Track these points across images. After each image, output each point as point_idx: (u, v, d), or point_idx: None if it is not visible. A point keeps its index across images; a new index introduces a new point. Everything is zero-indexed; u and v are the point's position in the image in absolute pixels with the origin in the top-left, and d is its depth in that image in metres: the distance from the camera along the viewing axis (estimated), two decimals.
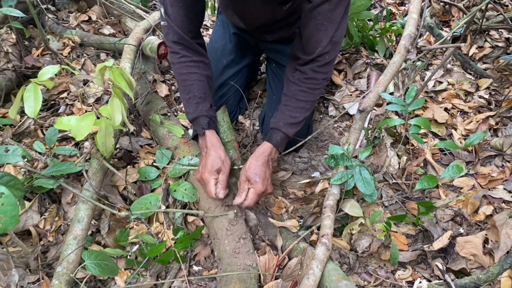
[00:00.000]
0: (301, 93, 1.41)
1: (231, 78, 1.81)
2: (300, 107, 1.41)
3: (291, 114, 1.41)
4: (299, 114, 1.41)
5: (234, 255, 1.28)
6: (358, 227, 1.37)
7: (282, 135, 1.40)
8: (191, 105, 1.42)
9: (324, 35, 1.33)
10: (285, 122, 1.40)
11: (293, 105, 1.41)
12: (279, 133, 1.40)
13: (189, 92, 1.43)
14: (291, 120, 1.40)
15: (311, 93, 1.41)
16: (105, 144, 1.36)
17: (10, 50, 2.09)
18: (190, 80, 1.44)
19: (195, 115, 1.41)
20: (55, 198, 1.55)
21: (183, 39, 1.42)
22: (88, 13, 2.59)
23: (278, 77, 1.76)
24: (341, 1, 1.29)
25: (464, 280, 1.17)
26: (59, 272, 1.19)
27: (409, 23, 1.51)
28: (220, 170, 1.36)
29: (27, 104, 1.24)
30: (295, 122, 1.41)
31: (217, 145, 1.39)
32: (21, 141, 1.77)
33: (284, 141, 1.42)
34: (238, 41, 1.80)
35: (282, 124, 1.40)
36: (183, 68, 1.44)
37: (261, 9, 1.46)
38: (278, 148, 1.41)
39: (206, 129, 1.40)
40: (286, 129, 1.40)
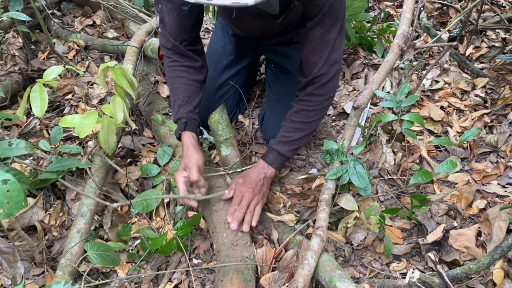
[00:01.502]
0: (295, 114, 1.47)
1: (231, 79, 1.85)
2: (293, 128, 1.46)
3: (284, 133, 1.47)
4: (291, 133, 1.46)
5: (232, 247, 1.32)
6: (353, 220, 1.40)
7: (275, 153, 1.46)
8: (175, 107, 1.48)
9: (319, 57, 1.38)
10: (278, 140, 1.47)
11: (287, 125, 1.48)
12: (272, 151, 1.47)
13: (175, 95, 1.49)
14: (283, 139, 1.46)
15: (304, 114, 1.46)
16: (107, 141, 1.41)
17: (17, 54, 2.16)
18: (176, 83, 1.49)
19: (176, 116, 1.47)
20: (59, 195, 1.60)
21: (175, 47, 1.47)
22: (92, 18, 2.65)
23: (277, 77, 1.80)
24: (334, 24, 1.34)
25: (455, 271, 1.19)
26: (62, 263, 1.24)
27: (402, 22, 1.55)
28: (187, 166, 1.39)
29: (34, 104, 1.30)
30: (287, 140, 1.46)
31: (188, 145, 1.42)
32: (27, 140, 1.82)
33: (279, 159, 1.47)
34: (237, 42, 1.85)
35: (274, 142, 1.47)
36: (172, 71, 1.50)
37: (255, 22, 1.52)
38: (270, 164, 1.46)
39: (182, 130, 1.45)
40: (277, 146, 1.46)
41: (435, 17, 2.59)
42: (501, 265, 1.26)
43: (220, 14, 1.73)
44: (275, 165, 1.47)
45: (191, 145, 1.42)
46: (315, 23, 1.33)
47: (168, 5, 1.40)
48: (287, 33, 1.62)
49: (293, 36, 1.66)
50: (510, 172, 1.58)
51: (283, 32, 1.59)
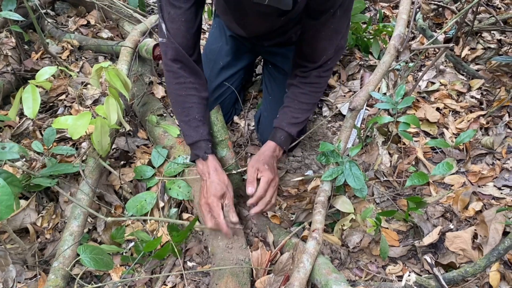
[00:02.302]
0: (304, 95, 1.47)
1: (227, 80, 1.84)
2: (302, 109, 1.48)
3: (293, 115, 1.47)
4: (301, 115, 1.47)
5: (227, 250, 1.30)
6: (349, 223, 1.39)
7: (285, 134, 1.45)
8: (191, 128, 1.40)
9: (329, 44, 1.39)
10: (288, 122, 1.46)
11: (295, 107, 1.47)
12: (282, 132, 1.45)
13: (188, 115, 1.40)
14: (293, 120, 1.46)
15: (313, 95, 1.49)
16: (100, 143, 1.39)
17: (10, 54, 2.13)
18: (189, 102, 1.41)
19: (196, 138, 1.39)
20: (52, 197, 1.58)
21: (183, 57, 1.38)
22: (86, 18, 2.63)
23: (274, 78, 1.79)
24: (345, 12, 1.34)
25: (452, 274, 1.19)
26: (55, 267, 1.22)
27: (398, 23, 1.54)
28: (225, 195, 1.34)
29: (26, 105, 1.28)
30: (297, 122, 1.47)
31: (220, 170, 1.37)
32: (20, 141, 1.80)
33: (288, 140, 1.47)
34: (234, 44, 1.84)
35: (285, 124, 1.46)
36: (182, 90, 1.41)
37: (261, 20, 1.50)
38: (282, 147, 1.46)
39: (209, 153, 1.38)
40: (289, 128, 1.45)
41: (430, 18, 2.59)
42: (497, 268, 1.26)
43: (223, 14, 1.72)
44: (285, 146, 1.47)
45: (220, 169, 1.38)
46: (327, 16, 1.32)
47: (173, 11, 1.32)
48: (286, 32, 1.62)
49: (291, 36, 1.65)
50: (506, 174, 1.58)
51: (283, 30, 1.60)
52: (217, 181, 1.34)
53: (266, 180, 1.33)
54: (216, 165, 1.38)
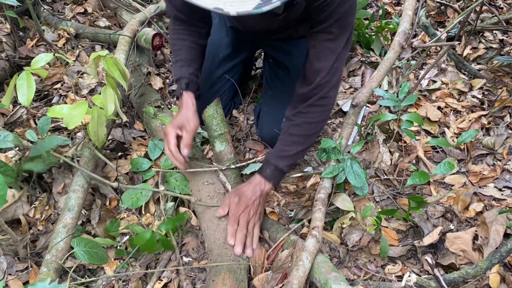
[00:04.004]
0: (295, 127, 1.39)
1: (227, 73, 1.80)
2: (293, 141, 1.38)
3: (283, 147, 1.39)
4: (291, 148, 1.38)
5: (225, 246, 1.28)
6: (348, 221, 1.37)
7: (272, 168, 1.37)
8: (176, 68, 1.47)
9: (323, 65, 1.30)
10: (276, 154, 1.38)
11: (285, 139, 1.40)
12: (269, 165, 1.38)
13: (177, 56, 1.48)
14: (282, 153, 1.38)
15: (306, 127, 1.38)
16: (97, 133, 1.36)
17: (4, 40, 2.08)
18: (179, 45, 1.47)
19: (177, 76, 1.46)
20: (45, 187, 1.54)
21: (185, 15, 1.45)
22: (84, 5, 2.57)
23: (275, 73, 1.76)
24: (343, 32, 1.28)
25: (453, 275, 1.17)
26: (47, 259, 1.19)
27: (403, 19, 1.52)
28: (183, 127, 1.38)
29: (20, 92, 1.24)
30: (286, 155, 1.38)
31: (189, 106, 1.41)
32: (13, 130, 1.76)
33: (276, 174, 1.38)
34: (235, 35, 1.80)
35: (272, 156, 1.39)
36: (176, 34, 1.48)
37: (257, 20, 1.46)
38: (268, 180, 1.37)
39: (184, 90, 1.44)
40: (276, 161, 1.37)
41: (432, 16, 2.56)
42: (497, 270, 1.25)
43: None
44: (272, 180, 1.38)
45: (191, 107, 1.42)
46: (322, 28, 1.26)
47: None
48: (287, 30, 1.58)
49: (292, 33, 1.62)
50: (507, 175, 1.57)
51: (283, 28, 1.54)
52: (181, 115, 1.40)
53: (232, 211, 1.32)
54: (188, 101, 1.42)
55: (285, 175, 1.44)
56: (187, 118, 1.39)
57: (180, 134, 1.37)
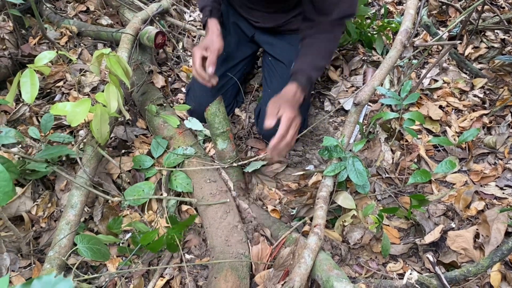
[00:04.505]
0: (321, 42, 1.49)
1: (230, 71, 1.81)
2: (321, 55, 1.49)
3: (313, 59, 1.48)
4: (320, 61, 1.49)
5: (227, 244, 1.29)
6: (350, 219, 1.37)
7: (306, 77, 1.43)
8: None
9: None
10: (309, 65, 1.46)
11: (313, 52, 1.48)
12: (303, 74, 1.43)
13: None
14: (314, 64, 1.47)
15: (330, 43, 1.51)
16: (100, 131, 1.36)
17: (7, 38, 2.08)
18: None
19: (201, 5, 1.63)
20: (48, 185, 1.55)
21: None
22: (86, 4, 2.58)
23: (273, 71, 1.77)
24: None
25: (454, 273, 1.18)
26: (51, 256, 1.19)
27: (406, 18, 1.52)
28: (208, 48, 1.50)
29: (24, 89, 1.24)
30: (317, 66, 1.48)
31: (214, 31, 1.56)
32: (16, 127, 1.76)
33: (308, 84, 1.45)
34: (236, 33, 1.82)
35: (306, 66, 1.45)
36: None
37: None
38: (303, 89, 1.42)
39: (208, 17, 1.59)
40: (310, 71, 1.44)
41: (434, 16, 2.57)
42: (498, 268, 1.25)
43: None
44: (305, 90, 1.44)
45: (216, 31, 1.55)
46: None
47: None
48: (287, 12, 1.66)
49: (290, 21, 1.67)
50: (508, 174, 1.57)
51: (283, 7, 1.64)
52: (206, 39, 1.54)
53: (288, 118, 1.28)
54: (213, 27, 1.57)
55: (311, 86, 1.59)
56: (211, 40, 1.52)
57: (205, 55, 1.49)
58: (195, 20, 2.61)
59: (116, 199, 1.28)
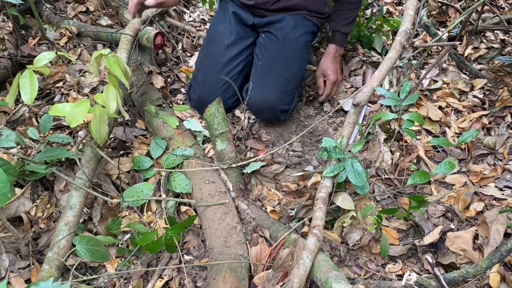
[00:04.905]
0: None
1: (234, 58, 1.84)
2: (351, 8, 1.83)
3: (346, 15, 1.84)
4: (351, 13, 1.84)
5: (226, 245, 1.28)
6: (349, 220, 1.37)
7: (342, 35, 1.86)
8: None
9: None
10: (343, 23, 1.84)
11: (345, 8, 1.84)
12: (340, 34, 1.86)
13: None
14: (346, 20, 1.85)
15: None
16: (99, 132, 1.36)
17: (7, 38, 2.08)
18: None
19: None
20: (47, 186, 1.55)
21: None
22: (85, 4, 2.58)
23: (266, 46, 1.83)
24: None
25: (453, 274, 1.18)
26: (49, 257, 1.19)
27: (405, 19, 1.52)
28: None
29: (23, 90, 1.24)
30: (349, 21, 1.85)
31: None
32: (15, 128, 1.76)
33: (345, 39, 1.89)
34: (237, 21, 1.88)
35: (340, 26, 1.85)
36: None
37: None
38: (342, 46, 1.88)
39: None
40: (345, 29, 1.86)
41: (434, 16, 2.56)
42: (497, 269, 1.25)
43: None
44: (343, 44, 1.89)
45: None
46: None
47: None
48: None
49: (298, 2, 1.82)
50: (508, 175, 1.57)
51: None
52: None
53: (331, 82, 1.89)
54: None
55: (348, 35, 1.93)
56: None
57: None
58: (195, 21, 2.62)
59: (115, 201, 1.28)
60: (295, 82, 1.80)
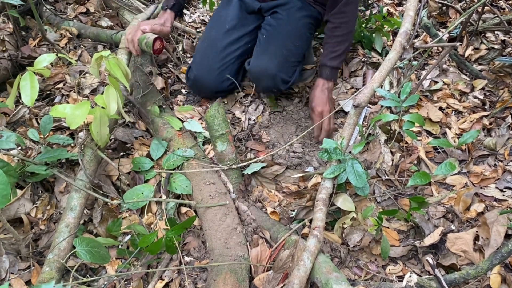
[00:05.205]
0: (336, 29, 1.71)
1: (233, 43, 1.87)
2: (338, 41, 1.72)
3: (332, 49, 1.72)
4: (339, 47, 1.72)
5: (226, 246, 1.28)
6: (350, 221, 1.37)
7: (329, 68, 1.73)
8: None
9: None
10: (329, 57, 1.72)
11: (332, 41, 1.73)
12: (326, 68, 1.73)
13: None
14: (332, 54, 1.72)
15: (344, 26, 1.70)
16: (99, 133, 1.36)
17: (7, 39, 2.09)
18: None
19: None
20: (48, 187, 1.55)
21: None
22: (86, 5, 2.58)
23: (270, 23, 1.87)
24: None
25: (453, 275, 1.17)
26: (50, 259, 1.19)
27: (405, 20, 1.52)
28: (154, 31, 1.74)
29: (23, 92, 1.25)
30: (336, 55, 1.72)
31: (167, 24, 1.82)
32: (15, 129, 1.76)
33: (333, 72, 1.75)
34: (241, 8, 1.91)
35: (327, 60, 1.73)
36: None
37: None
38: (329, 80, 1.74)
39: (169, 8, 1.83)
40: (332, 62, 1.73)
41: (434, 17, 2.56)
42: (498, 270, 1.24)
43: None
44: (332, 78, 1.75)
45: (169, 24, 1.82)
46: None
47: None
48: None
49: None
50: (508, 176, 1.56)
51: None
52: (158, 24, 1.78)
53: (316, 114, 1.72)
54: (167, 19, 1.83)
55: (339, 70, 1.80)
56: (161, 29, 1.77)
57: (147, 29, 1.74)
58: (195, 22, 2.62)
59: (115, 202, 1.28)
60: (297, 55, 1.81)
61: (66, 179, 1.37)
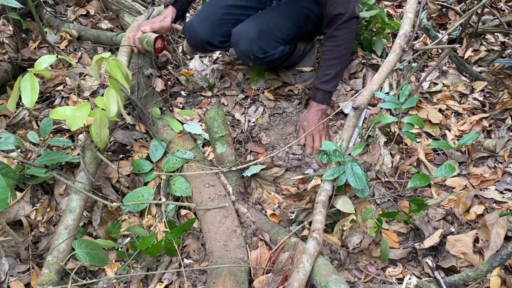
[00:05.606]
0: (328, 52, 1.70)
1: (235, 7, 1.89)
2: (330, 65, 1.71)
3: (324, 73, 1.71)
4: (331, 71, 1.70)
5: (226, 249, 1.28)
6: (349, 223, 1.37)
7: (321, 92, 1.73)
8: None
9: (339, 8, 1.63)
10: (321, 81, 1.72)
11: (324, 64, 1.72)
12: (319, 91, 1.73)
13: None
14: (324, 78, 1.71)
15: (336, 50, 1.69)
16: (99, 135, 1.36)
17: (7, 42, 2.09)
18: None
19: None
20: (47, 189, 1.55)
21: None
22: (86, 7, 2.59)
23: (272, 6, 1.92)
24: None
25: (453, 278, 1.17)
26: (49, 261, 1.19)
27: (404, 22, 1.51)
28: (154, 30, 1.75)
29: (24, 94, 1.25)
30: (328, 79, 1.71)
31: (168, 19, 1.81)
32: (15, 132, 1.77)
33: (326, 96, 1.74)
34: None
35: (318, 84, 1.73)
36: None
37: None
38: (322, 103, 1.74)
39: (171, 3, 1.83)
40: (323, 86, 1.72)
41: (434, 19, 2.57)
42: (498, 273, 1.24)
43: None
44: (325, 102, 1.74)
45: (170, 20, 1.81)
46: None
47: None
48: None
49: None
50: (508, 178, 1.56)
51: None
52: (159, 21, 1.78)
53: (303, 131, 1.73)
54: (168, 14, 1.82)
55: (333, 93, 1.80)
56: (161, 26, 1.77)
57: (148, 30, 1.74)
58: None
59: (115, 205, 1.28)
60: (284, 34, 1.79)
61: (66, 181, 1.37)
